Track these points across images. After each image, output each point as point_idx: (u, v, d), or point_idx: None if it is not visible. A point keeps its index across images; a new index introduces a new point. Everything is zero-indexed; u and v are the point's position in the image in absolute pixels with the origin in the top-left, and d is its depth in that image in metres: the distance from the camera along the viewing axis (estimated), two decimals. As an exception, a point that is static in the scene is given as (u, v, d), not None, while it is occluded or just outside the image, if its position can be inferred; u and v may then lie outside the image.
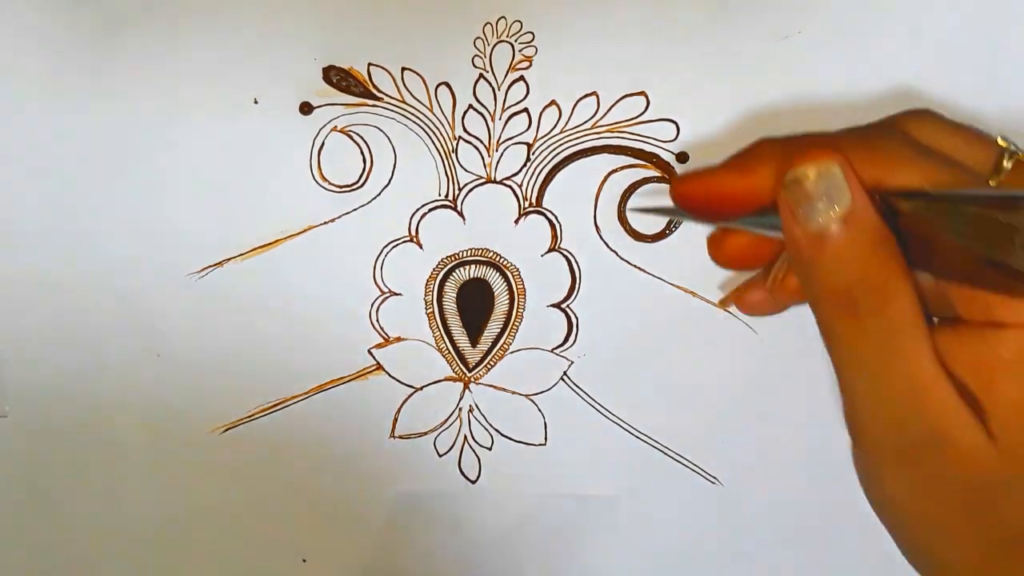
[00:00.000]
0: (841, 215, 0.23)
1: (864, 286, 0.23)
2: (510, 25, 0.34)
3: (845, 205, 0.23)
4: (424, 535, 0.35)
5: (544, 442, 0.35)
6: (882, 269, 0.23)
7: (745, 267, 0.29)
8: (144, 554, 0.35)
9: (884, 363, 0.24)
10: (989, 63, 0.33)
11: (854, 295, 0.23)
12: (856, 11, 0.33)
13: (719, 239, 0.29)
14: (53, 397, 0.35)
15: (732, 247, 0.29)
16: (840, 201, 0.23)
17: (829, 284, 0.24)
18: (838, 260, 0.24)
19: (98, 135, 0.34)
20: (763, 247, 0.28)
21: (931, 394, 0.23)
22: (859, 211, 0.23)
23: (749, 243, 0.29)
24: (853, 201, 0.23)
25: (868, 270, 0.23)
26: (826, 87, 0.33)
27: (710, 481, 0.35)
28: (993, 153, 0.25)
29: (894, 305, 0.23)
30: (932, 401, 0.23)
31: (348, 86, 0.34)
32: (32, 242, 0.34)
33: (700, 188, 0.27)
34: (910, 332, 0.23)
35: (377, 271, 0.35)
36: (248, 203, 0.34)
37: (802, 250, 0.24)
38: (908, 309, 0.23)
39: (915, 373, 0.23)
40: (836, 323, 0.24)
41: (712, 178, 0.26)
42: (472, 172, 0.34)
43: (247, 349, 0.35)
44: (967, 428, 0.23)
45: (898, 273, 0.23)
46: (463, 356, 0.35)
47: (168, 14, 0.34)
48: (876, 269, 0.23)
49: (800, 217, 0.24)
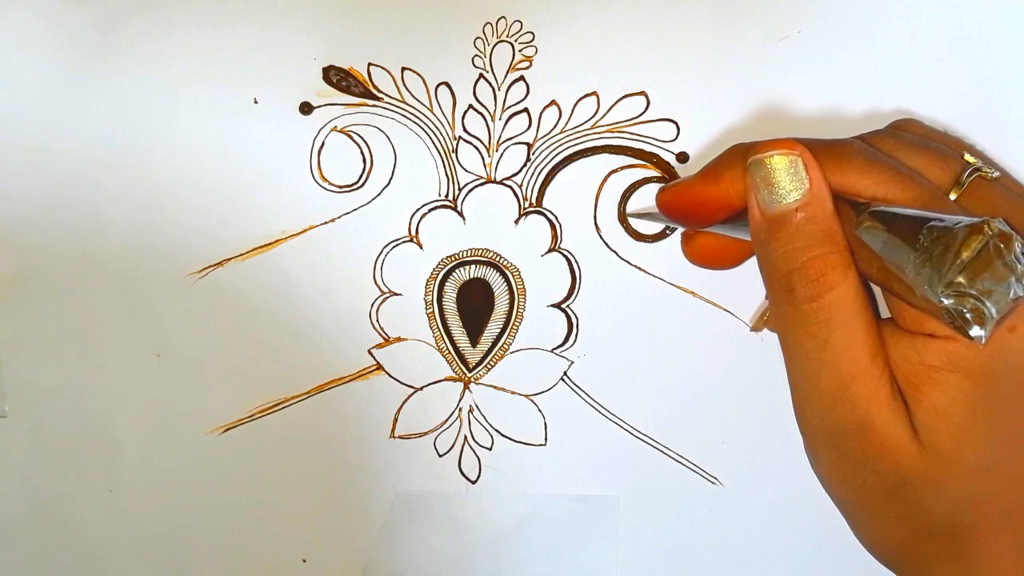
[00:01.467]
0: (796, 204, 0.25)
1: (803, 273, 0.25)
2: (510, 25, 0.34)
3: (801, 194, 0.25)
4: (424, 535, 0.35)
5: (544, 442, 0.35)
6: (823, 260, 0.25)
7: (714, 265, 0.31)
8: (144, 554, 0.35)
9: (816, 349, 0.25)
10: (989, 62, 0.33)
11: (792, 281, 0.25)
12: (856, 11, 0.33)
13: (690, 237, 0.31)
14: (53, 397, 0.35)
15: (701, 246, 0.31)
16: (798, 190, 0.25)
17: (775, 267, 0.25)
18: (784, 246, 0.25)
19: (98, 135, 0.34)
20: (730, 248, 0.30)
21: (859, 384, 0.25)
22: (813, 202, 0.25)
23: (717, 243, 0.30)
24: (810, 191, 0.25)
25: (809, 259, 0.25)
26: (826, 87, 0.33)
27: (710, 481, 0.35)
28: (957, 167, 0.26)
29: (830, 295, 0.24)
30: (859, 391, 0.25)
31: (348, 86, 0.34)
32: (32, 242, 0.34)
33: (678, 197, 0.29)
34: (844, 323, 0.24)
35: (377, 271, 0.35)
36: (248, 203, 0.34)
37: (759, 232, 0.26)
38: (845, 301, 0.24)
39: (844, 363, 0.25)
40: (778, 306, 0.26)
41: (688, 187, 0.28)
42: (472, 172, 0.34)
43: (247, 349, 0.35)
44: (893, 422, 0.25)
45: (839, 267, 0.25)
46: (463, 356, 0.35)
47: (168, 14, 0.34)
48: (817, 259, 0.25)
49: (760, 201, 0.26)
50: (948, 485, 0.24)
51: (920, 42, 0.33)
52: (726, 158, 0.27)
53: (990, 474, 0.25)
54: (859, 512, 0.27)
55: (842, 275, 0.24)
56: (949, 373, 0.24)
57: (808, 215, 0.25)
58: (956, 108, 0.33)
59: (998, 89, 0.33)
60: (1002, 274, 0.21)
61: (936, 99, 0.33)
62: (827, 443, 0.26)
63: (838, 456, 0.26)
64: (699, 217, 0.29)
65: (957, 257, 0.22)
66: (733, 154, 0.27)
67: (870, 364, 0.25)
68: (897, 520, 0.26)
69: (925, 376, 0.24)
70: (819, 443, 0.26)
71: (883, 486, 0.25)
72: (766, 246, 0.26)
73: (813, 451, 0.27)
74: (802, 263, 0.25)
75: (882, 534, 0.27)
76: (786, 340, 0.26)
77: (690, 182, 0.28)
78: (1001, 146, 0.33)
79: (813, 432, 0.26)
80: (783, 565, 0.35)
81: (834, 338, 0.24)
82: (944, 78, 0.33)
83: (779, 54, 0.33)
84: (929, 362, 0.24)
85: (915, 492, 0.25)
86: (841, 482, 0.26)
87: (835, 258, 0.25)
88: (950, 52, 0.33)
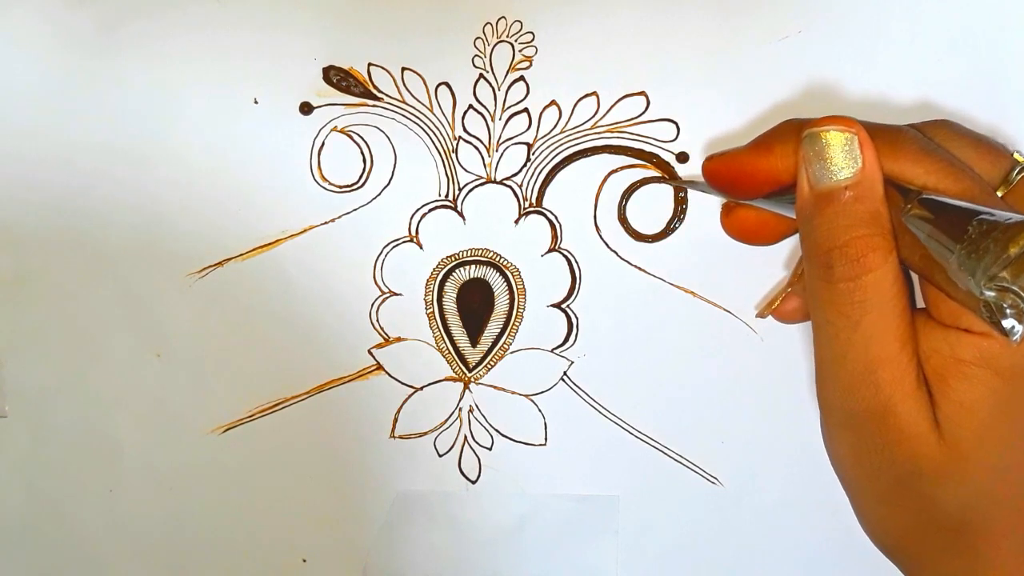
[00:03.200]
0: (846, 182, 0.25)
1: (843, 252, 0.25)
2: (510, 25, 0.34)
3: (853, 173, 0.25)
4: (424, 535, 0.35)
5: (544, 442, 0.35)
6: (865, 242, 0.24)
7: (752, 240, 0.30)
8: (144, 554, 0.35)
9: (847, 329, 0.25)
10: (990, 62, 0.33)
11: (832, 258, 0.25)
12: (856, 11, 0.33)
13: (730, 209, 0.31)
14: (53, 397, 0.35)
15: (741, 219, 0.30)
16: (850, 168, 0.25)
17: (816, 243, 0.25)
18: (829, 223, 0.25)
19: (98, 135, 0.34)
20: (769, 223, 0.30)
21: (886, 369, 0.24)
22: (863, 182, 0.25)
23: (757, 217, 0.30)
24: (862, 170, 0.25)
25: (852, 238, 0.24)
26: (826, 87, 0.33)
27: (710, 481, 0.35)
28: (1006, 164, 0.26)
29: (868, 277, 0.24)
30: (885, 376, 0.24)
31: (348, 86, 0.34)
32: (32, 242, 0.34)
33: (726, 166, 0.28)
34: (878, 307, 0.24)
35: (377, 271, 0.35)
36: (248, 203, 0.34)
37: (805, 206, 0.26)
38: (882, 285, 0.24)
39: (874, 347, 0.25)
40: (814, 282, 0.26)
41: (737, 157, 0.28)
42: (472, 172, 0.34)
43: (247, 349, 0.35)
44: (915, 411, 0.24)
45: (881, 250, 0.24)
46: (463, 356, 0.35)
47: (168, 15, 0.34)
48: (860, 240, 0.24)
49: (811, 175, 0.25)
50: (963, 480, 0.24)
51: (920, 42, 0.33)
52: (779, 131, 0.27)
53: (1008, 475, 0.24)
54: (868, 497, 0.27)
55: (883, 259, 0.24)
56: (980, 369, 0.24)
57: (857, 194, 0.25)
58: (956, 108, 0.33)
59: (998, 89, 0.33)
60: None
61: (936, 99, 0.33)
62: (846, 424, 0.26)
63: (855, 438, 0.26)
64: (745, 189, 0.28)
65: (1004, 251, 0.21)
66: (786, 128, 0.27)
67: (899, 351, 0.24)
68: (906, 510, 0.26)
69: (955, 369, 0.24)
70: (838, 423, 0.26)
71: (897, 474, 0.25)
72: (811, 221, 0.25)
73: (831, 431, 0.27)
74: (844, 242, 0.24)
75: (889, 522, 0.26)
76: (818, 317, 0.26)
77: (739, 152, 0.28)
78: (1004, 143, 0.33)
79: (833, 412, 0.26)
80: (783, 565, 0.35)
81: (866, 320, 0.24)
82: (944, 78, 0.33)
83: (779, 54, 0.33)
84: (960, 356, 0.24)
85: (929, 483, 0.25)
86: (855, 465, 0.26)
87: (878, 240, 0.24)
88: (950, 52, 0.33)
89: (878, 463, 0.25)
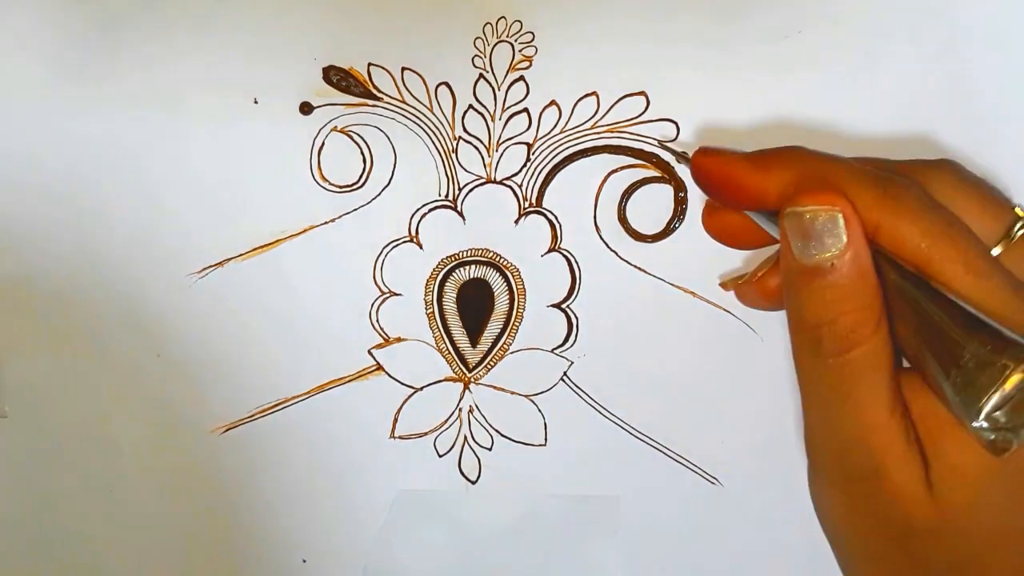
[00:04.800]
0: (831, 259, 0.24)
1: (832, 329, 0.24)
2: (510, 25, 0.34)
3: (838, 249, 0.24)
4: (424, 535, 0.35)
5: (544, 442, 0.35)
6: (853, 317, 0.24)
7: (732, 244, 0.30)
8: (144, 554, 0.35)
9: (838, 402, 0.25)
10: (990, 62, 0.33)
11: (820, 334, 0.24)
12: (856, 11, 0.33)
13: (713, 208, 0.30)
14: (53, 397, 0.35)
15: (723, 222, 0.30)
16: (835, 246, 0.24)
17: (803, 318, 0.25)
18: (816, 298, 0.24)
19: (98, 135, 0.34)
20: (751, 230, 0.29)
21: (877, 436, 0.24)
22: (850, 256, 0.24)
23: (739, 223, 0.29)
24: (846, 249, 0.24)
25: (839, 314, 0.24)
26: (826, 87, 0.33)
27: (710, 481, 0.35)
28: (1007, 219, 0.26)
29: (856, 351, 0.24)
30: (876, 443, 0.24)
31: (348, 86, 0.34)
32: (32, 242, 0.34)
33: (718, 168, 0.27)
34: (868, 379, 0.24)
35: (377, 271, 0.35)
36: (248, 203, 0.34)
37: (790, 276, 0.25)
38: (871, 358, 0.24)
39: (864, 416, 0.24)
40: (801, 355, 0.25)
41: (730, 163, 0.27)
42: (472, 172, 0.34)
43: (247, 349, 0.35)
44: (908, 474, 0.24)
45: (869, 323, 0.24)
46: (463, 356, 0.35)
47: (168, 14, 0.34)
48: (848, 316, 0.24)
49: (795, 249, 0.25)
50: (956, 542, 0.24)
51: (920, 42, 0.33)
52: (783, 157, 0.26)
53: (1000, 540, 0.24)
54: (858, 556, 0.27)
55: (871, 332, 0.24)
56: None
57: (843, 269, 0.24)
58: (956, 108, 0.33)
59: (999, 88, 0.33)
60: None
61: (936, 99, 0.33)
62: (838, 484, 0.26)
63: (847, 499, 0.26)
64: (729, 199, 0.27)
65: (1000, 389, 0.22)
66: (790, 156, 0.26)
67: (889, 417, 0.24)
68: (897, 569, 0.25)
69: (947, 433, 0.24)
70: (830, 484, 0.26)
71: (889, 534, 0.25)
72: (797, 294, 0.25)
73: (821, 489, 0.27)
74: (832, 318, 0.24)
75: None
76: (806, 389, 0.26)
77: (735, 159, 0.27)
78: (1001, 145, 0.33)
79: (826, 473, 0.26)
80: (783, 565, 0.35)
81: (855, 392, 0.24)
82: (944, 78, 0.33)
83: (779, 54, 0.33)
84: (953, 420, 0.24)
85: (921, 544, 0.25)
86: (845, 524, 0.26)
87: (866, 314, 0.24)
88: (950, 52, 0.33)
89: (871, 523, 0.25)
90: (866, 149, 0.33)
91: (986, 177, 0.28)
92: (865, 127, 0.33)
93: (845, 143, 0.33)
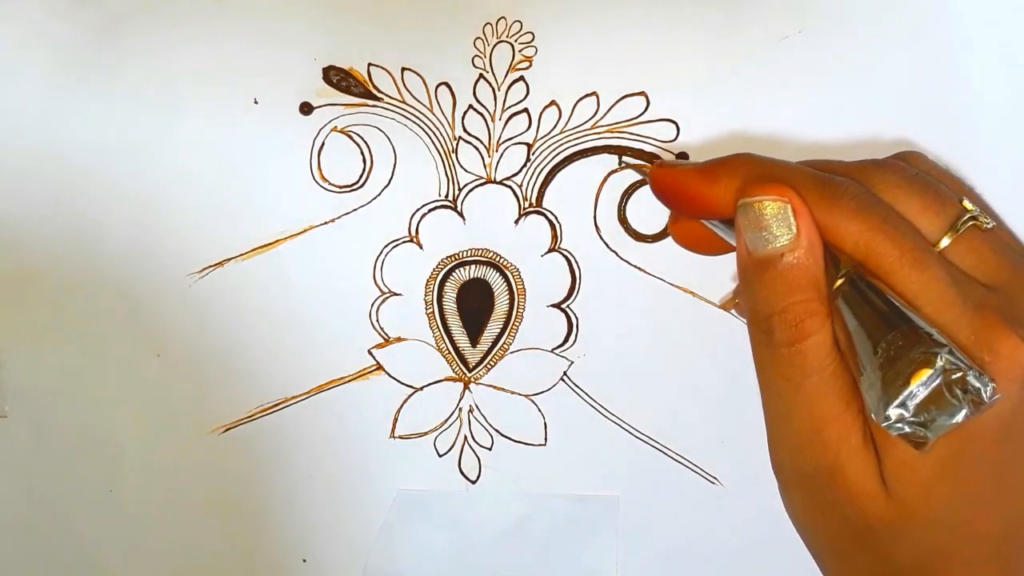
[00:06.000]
0: (783, 249, 0.25)
1: (783, 318, 0.25)
2: (510, 25, 0.34)
3: (788, 240, 0.25)
4: (424, 535, 0.35)
5: (544, 442, 0.35)
6: (803, 307, 0.25)
7: (699, 250, 0.30)
8: (144, 554, 0.35)
9: (790, 392, 0.25)
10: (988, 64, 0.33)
11: (772, 324, 0.25)
12: (856, 11, 0.33)
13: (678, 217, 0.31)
14: (53, 397, 0.35)
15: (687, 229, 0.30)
16: (785, 236, 0.25)
17: (756, 309, 0.26)
18: (767, 289, 0.25)
19: (98, 135, 0.34)
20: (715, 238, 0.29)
21: (831, 429, 0.25)
22: (800, 247, 0.25)
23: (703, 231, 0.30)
24: (797, 237, 0.25)
25: (790, 304, 0.25)
26: (826, 88, 0.33)
27: (710, 481, 0.35)
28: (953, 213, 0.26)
29: (807, 343, 0.25)
30: (831, 436, 0.25)
31: (348, 86, 0.34)
32: (32, 242, 0.34)
33: (672, 180, 0.28)
34: (819, 370, 0.25)
35: (377, 271, 0.35)
36: (248, 203, 0.34)
37: (745, 269, 0.26)
38: (821, 348, 0.25)
39: (817, 408, 0.25)
40: (757, 348, 0.26)
41: (683, 177, 0.28)
42: (472, 172, 0.34)
43: (247, 349, 0.35)
44: (862, 469, 0.25)
45: (819, 315, 0.25)
46: (463, 356, 0.35)
47: (168, 14, 0.34)
48: (798, 306, 0.25)
49: (748, 242, 0.25)
50: (914, 536, 0.25)
51: (920, 42, 0.33)
52: (729, 164, 0.27)
53: (957, 531, 0.25)
54: (826, 554, 0.27)
55: (820, 324, 0.25)
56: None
57: (794, 260, 0.25)
58: (956, 108, 0.33)
59: (999, 88, 0.33)
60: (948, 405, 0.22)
61: (936, 99, 0.33)
62: (798, 484, 0.26)
63: (807, 497, 0.26)
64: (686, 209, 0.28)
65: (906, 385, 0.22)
66: (736, 162, 0.27)
67: (843, 411, 0.25)
68: (863, 565, 0.26)
69: None
70: (790, 483, 0.27)
71: (850, 531, 0.25)
72: (751, 286, 0.26)
73: (785, 490, 0.27)
74: (782, 308, 0.25)
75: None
76: (762, 379, 0.26)
77: (687, 171, 0.27)
78: (1001, 145, 0.33)
79: (785, 472, 0.27)
80: (783, 565, 0.35)
81: (808, 383, 0.25)
82: (944, 78, 0.33)
83: (779, 54, 0.33)
84: None
85: (880, 540, 0.25)
86: (809, 523, 0.27)
87: (815, 305, 0.25)
88: (950, 52, 0.33)
89: (831, 520, 0.26)
90: (866, 149, 0.33)
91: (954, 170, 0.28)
92: (865, 127, 0.33)
93: (844, 143, 0.33)
